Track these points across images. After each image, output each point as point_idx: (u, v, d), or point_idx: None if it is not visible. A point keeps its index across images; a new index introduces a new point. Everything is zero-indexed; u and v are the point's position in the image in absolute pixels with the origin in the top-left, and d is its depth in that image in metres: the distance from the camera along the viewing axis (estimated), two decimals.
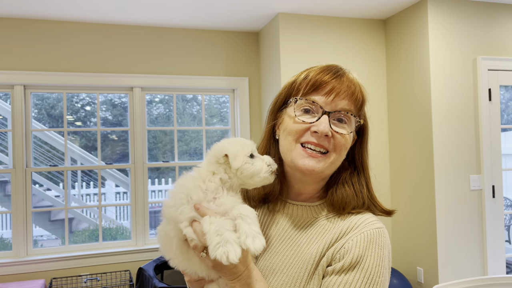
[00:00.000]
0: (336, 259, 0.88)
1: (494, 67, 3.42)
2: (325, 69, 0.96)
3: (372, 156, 3.66)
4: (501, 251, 3.41)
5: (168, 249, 0.92)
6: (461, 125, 3.36)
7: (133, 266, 3.69)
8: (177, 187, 0.90)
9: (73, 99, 4.70)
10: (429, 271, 3.36)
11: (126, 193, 6.87)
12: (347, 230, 0.91)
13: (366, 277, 0.84)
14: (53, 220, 5.95)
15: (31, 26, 3.57)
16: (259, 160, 0.91)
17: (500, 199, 3.42)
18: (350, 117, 0.94)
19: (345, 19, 3.76)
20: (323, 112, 0.91)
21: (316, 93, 0.93)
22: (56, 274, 3.54)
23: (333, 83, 0.93)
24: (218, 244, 0.77)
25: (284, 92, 0.99)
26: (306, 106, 0.93)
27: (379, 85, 3.84)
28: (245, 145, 0.91)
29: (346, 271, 0.86)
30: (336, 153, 0.93)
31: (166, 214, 0.89)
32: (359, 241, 0.88)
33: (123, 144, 5.16)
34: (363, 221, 0.92)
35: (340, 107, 0.92)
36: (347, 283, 0.84)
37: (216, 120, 4.45)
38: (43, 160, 5.75)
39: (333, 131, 0.92)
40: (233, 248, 0.77)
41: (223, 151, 0.89)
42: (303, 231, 0.96)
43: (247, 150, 0.90)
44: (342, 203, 0.95)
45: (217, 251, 0.77)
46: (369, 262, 0.86)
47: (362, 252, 0.86)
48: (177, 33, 3.92)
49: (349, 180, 0.98)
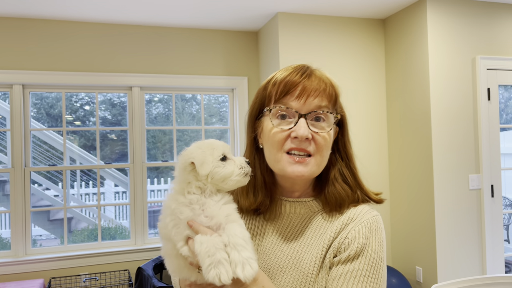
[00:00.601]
0: (342, 249, 0.92)
1: (493, 66, 3.43)
2: (292, 71, 0.95)
3: (372, 155, 3.66)
4: (500, 251, 3.41)
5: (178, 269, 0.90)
6: (460, 124, 3.37)
7: (132, 266, 3.69)
8: (164, 209, 0.89)
9: (72, 99, 4.70)
10: (428, 271, 3.36)
11: (125, 193, 6.87)
12: (347, 222, 0.95)
13: (371, 263, 0.90)
14: (52, 220, 5.94)
15: (30, 25, 3.57)
16: (231, 163, 0.89)
17: (499, 199, 3.42)
18: (327, 114, 0.94)
19: (344, 18, 3.76)
20: (299, 116, 0.92)
21: (288, 97, 0.93)
22: (55, 273, 3.53)
23: (303, 83, 0.93)
24: (209, 265, 0.77)
25: (258, 102, 0.99)
26: (281, 112, 0.93)
27: (378, 84, 3.84)
28: (215, 148, 0.89)
29: (352, 259, 0.90)
30: (319, 154, 0.94)
31: (162, 235, 0.89)
32: (361, 230, 0.92)
33: (122, 143, 5.15)
34: (360, 211, 0.96)
35: (315, 106, 0.93)
36: (354, 270, 0.89)
37: (215, 120, 4.44)
38: (42, 160, 5.75)
39: (313, 132, 0.92)
40: (224, 269, 0.77)
41: (189, 158, 0.87)
42: (304, 227, 0.98)
43: (217, 153, 0.88)
44: (337, 203, 0.97)
45: (209, 274, 0.76)
46: (371, 249, 0.91)
47: (365, 241, 0.91)
48: (176, 32, 3.91)
49: (339, 176, 0.99)
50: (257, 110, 1.00)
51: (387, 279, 3.23)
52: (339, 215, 0.97)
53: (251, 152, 1.02)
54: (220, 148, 0.89)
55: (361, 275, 0.89)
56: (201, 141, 0.91)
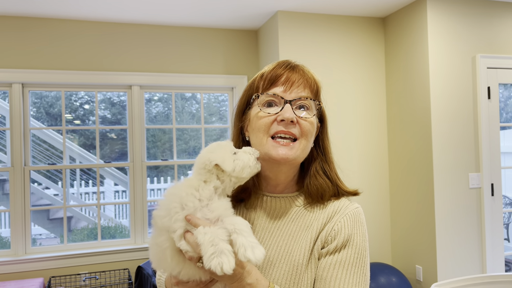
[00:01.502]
0: (329, 240, 0.97)
1: (493, 65, 3.42)
2: (277, 65, 1.04)
3: (371, 153, 3.66)
4: (500, 249, 3.41)
5: (162, 261, 0.91)
6: (460, 123, 3.36)
7: (132, 265, 3.69)
8: (169, 196, 0.90)
9: (71, 98, 4.69)
10: (428, 269, 3.36)
11: (125, 192, 6.87)
12: (332, 214, 1.00)
13: (357, 252, 0.96)
14: (51, 219, 5.94)
15: (29, 24, 3.56)
16: (242, 153, 0.95)
17: (499, 197, 3.42)
18: (310, 102, 1.01)
19: (344, 17, 3.75)
20: (285, 102, 0.98)
21: (274, 86, 1.01)
22: (54, 272, 3.53)
23: (287, 74, 1.01)
24: (212, 254, 0.78)
25: (245, 95, 1.06)
26: (268, 99, 1.00)
27: (378, 83, 3.84)
28: (225, 146, 0.95)
29: (340, 250, 0.96)
30: (304, 138, 0.99)
31: (159, 225, 0.89)
32: (346, 221, 0.98)
33: (122, 142, 5.15)
34: (343, 204, 1.02)
35: (298, 94, 1.00)
36: (342, 260, 0.95)
37: (215, 119, 4.44)
38: (42, 159, 5.74)
39: (298, 117, 0.98)
40: (227, 259, 0.78)
41: (212, 161, 0.91)
42: (290, 221, 1.02)
43: (230, 150, 0.95)
44: (319, 194, 1.02)
45: (212, 262, 0.77)
46: (356, 238, 0.97)
47: (350, 231, 0.97)
48: (176, 31, 3.91)
49: (319, 169, 1.04)
50: (244, 103, 1.06)
51: (387, 278, 3.24)
52: (323, 207, 1.02)
53: (237, 144, 1.06)
54: (228, 145, 0.96)
55: (348, 264, 0.95)
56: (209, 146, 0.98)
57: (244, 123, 1.06)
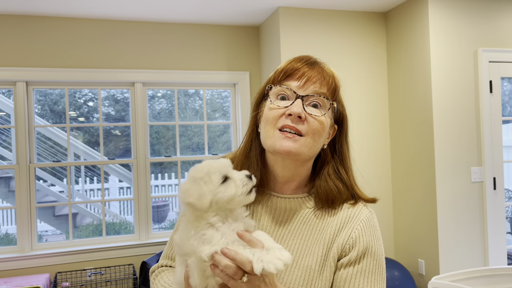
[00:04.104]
0: (347, 249, 0.96)
1: (495, 59, 3.42)
2: (297, 58, 1.01)
3: (373, 148, 3.66)
4: (503, 243, 3.42)
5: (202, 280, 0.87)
6: (462, 117, 3.36)
7: (136, 260, 3.73)
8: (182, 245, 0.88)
9: (75, 95, 4.72)
10: (430, 263, 3.38)
11: (129, 188, 6.91)
12: (346, 220, 0.98)
13: (376, 259, 0.96)
14: (57, 215, 6.00)
15: (33, 22, 3.59)
16: (232, 184, 0.86)
17: (501, 191, 3.42)
18: (324, 100, 0.97)
19: (346, 12, 3.75)
20: (297, 96, 0.95)
21: (289, 79, 0.98)
22: (60, 268, 3.58)
23: (304, 68, 0.97)
24: (258, 259, 0.79)
25: (263, 87, 1.04)
26: (281, 92, 0.97)
27: (379, 77, 3.84)
28: (212, 173, 0.86)
29: (360, 259, 0.95)
30: (310, 137, 0.95)
31: (183, 252, 0.87)
32: (362, 228, 0.97)
33: (126, 139, 5.18)
34: (356, 209, 1.00)
35: (312, 91, 0.96)
36: (363, 269, 0.95)
37: (218, 115, 4.46)
38: (47, 156, 5.79)
39: (307, 114, 0.95)
40: (275, 257, 0.79)
41: (186, 198, 0.84)
42: (300, 224, 0.99)
43: (216, 178, 0.85)
44: (328, 198, 0.99)
45: (262, 264, 0.78)
46: (374, 245, 0.97)
47: (368, 239, 0.96)
48: (178, 28, 3.92)
49: (332, 173, 1.01)
50: (261, 93, 1.04)
51: (389, 272, 3.25)
52: (335, 212, 0.99)
53: (251, 133, 1.05)
54: (218, 170, 0.86)
55: (369, 273, 0.95)
56: (198, 166, 0.89)
57: (259, 112, 1.03)
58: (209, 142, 4.33)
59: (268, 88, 1.00)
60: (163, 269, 1.11)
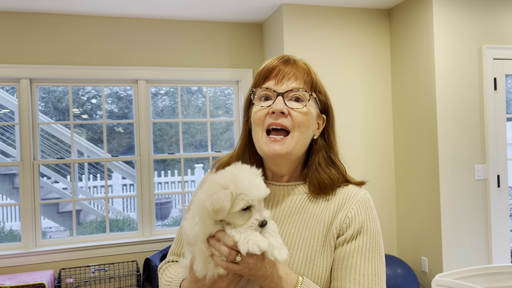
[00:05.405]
0: (344, 228, 1.00)
1: (500, 56, 3.40)
2: (272, 59, 1.06)
3: (377, 145, 3.66)
4: (506, 241, 3.41)
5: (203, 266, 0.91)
6: (466, 114, 3.35)
7: (140, 257, 3.74)
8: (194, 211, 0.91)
9: (79, 92, 4.73)
10: (434, 261, 3.38)
11: (132, 185, 6.93)
12: (343, 202, 1.03)
13: (371, 237, 1.00)
14: (61, 212, 6.03)
15: (36, 20, 3.59)
16: (247, 216, 0.87)
17: (505, 189, 3.41)
18: (303, 93, 1.02)
19: (349, 9, 3.74)
20: (277, 94, 1.01)
21: (267, 80, 1.04)
22: (64, 264, 3.60)
23: (280, 66, 1.03)
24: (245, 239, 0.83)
25: (250, 90, 1.09)
26: (263, 93, 1.03)
27: (383, 74, 3.83)
28: (245, 193, 0.86)
29: (355, 237, 0.99)
30: (297, 130, 1.00)
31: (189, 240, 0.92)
32: (358, 208, 1.01)
33: (129, 136, 5.19)
34: (352, 191, 1.05)
35: (291, 86, 1.01)
36: (359, 247, 0.98)
37: (221, 112, 4.45)
38: (51, 153, 5.81)
39: (289, 108, 1.00)
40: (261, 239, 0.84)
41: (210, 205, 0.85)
42: (299, 208, 1.04)
43: (242, 202, 0.85)
44: (321, 187, 1.04)
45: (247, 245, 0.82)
46: (369, 224, 1.01)
47: (363, 218, 1.01)
48: (181, 25, 3.92)
49: (322, 162, 1.06)
50: (247, 99, 1.10)
51: (392, 270, 3.25)
52: (332, 195, 1.04)
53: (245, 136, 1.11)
54: (251, 194, 0.86)
55: (365, 250, 0.99)
56: (238, 169, 0.90)
57: (249, 119, 1.08)
58: (212, 139, 4.34)
59: (252, 93, 1.05)
60: (170, 264, 1.15)
